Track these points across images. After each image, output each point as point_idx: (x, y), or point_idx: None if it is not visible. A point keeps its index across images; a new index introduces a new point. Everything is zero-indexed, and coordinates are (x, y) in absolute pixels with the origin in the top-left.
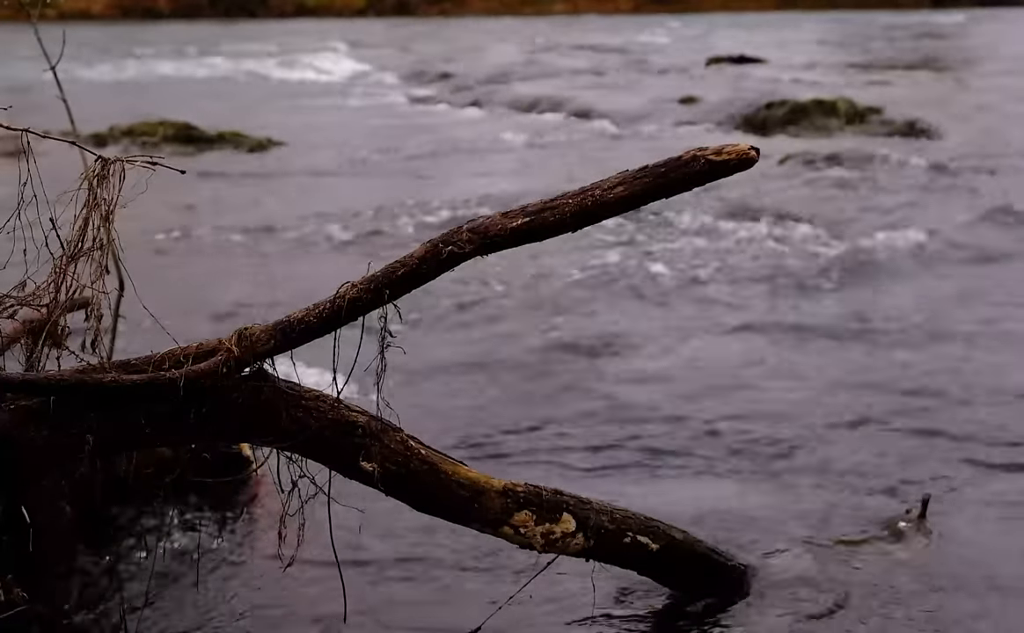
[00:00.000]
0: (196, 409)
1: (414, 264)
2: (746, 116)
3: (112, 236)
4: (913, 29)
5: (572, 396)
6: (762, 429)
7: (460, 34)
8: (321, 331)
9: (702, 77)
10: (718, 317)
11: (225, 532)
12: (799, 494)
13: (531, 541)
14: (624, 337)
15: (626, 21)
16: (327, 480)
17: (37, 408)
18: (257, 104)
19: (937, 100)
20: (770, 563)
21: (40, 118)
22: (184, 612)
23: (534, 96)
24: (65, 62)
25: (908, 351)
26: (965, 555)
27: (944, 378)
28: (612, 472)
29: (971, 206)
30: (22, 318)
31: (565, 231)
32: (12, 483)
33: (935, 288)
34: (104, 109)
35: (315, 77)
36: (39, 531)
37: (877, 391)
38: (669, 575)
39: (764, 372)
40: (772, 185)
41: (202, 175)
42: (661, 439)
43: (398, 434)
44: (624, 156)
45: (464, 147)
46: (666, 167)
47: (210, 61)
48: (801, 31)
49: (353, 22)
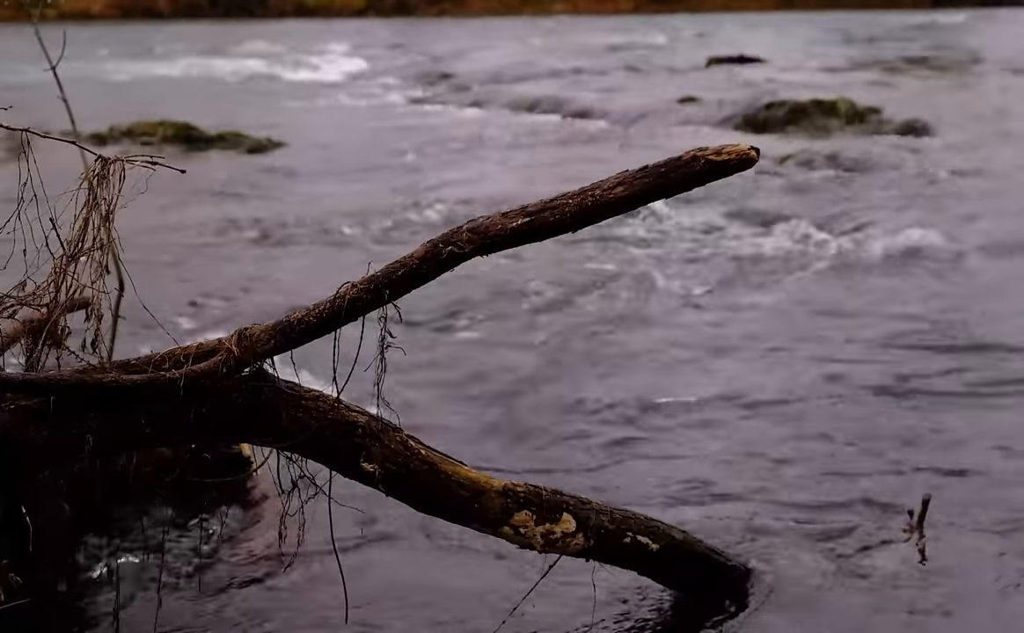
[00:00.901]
0: (196, 409)
1: (414, 264)
2: (746, 116)
3: (112, 236)
4: (913, 29)
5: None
6: (762, 429)
7: (460, 34)
8: (321, 331)
9: (702, 77)
10: (716, 316)
11: (225, 532)
12: (799, 494)
13: (531, 541)
14: (623, 329)
15: (626, 21)
16: (327, 480)
17: (37, 408)
18: (257, 104)
19: (937, 100)
20: (770, 563)
21: (40, 118)
22: (184, 612)
23: (534, 96)
24: (65, 62)
25: (908, 351)
26: (966, 555)
27: (945, 377)
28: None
29: (971, 206)
30: (22, 318)
31: (565, 231)
32: (12, 483)
33: (935, 288)
34: (104, 109)
35: (315, 77)
36: (39, 531)
37: (877, 391)
38: (669, 575)
39: (764, 372)
40: (772, 185)
41: (202, 175)
42: (656, 430)
43: (398, 434)
44: (624, 156)
45: (464, 147)
46: (666, 167)
47: (210, 61)
48: (801, 31)
49: (353, 22)
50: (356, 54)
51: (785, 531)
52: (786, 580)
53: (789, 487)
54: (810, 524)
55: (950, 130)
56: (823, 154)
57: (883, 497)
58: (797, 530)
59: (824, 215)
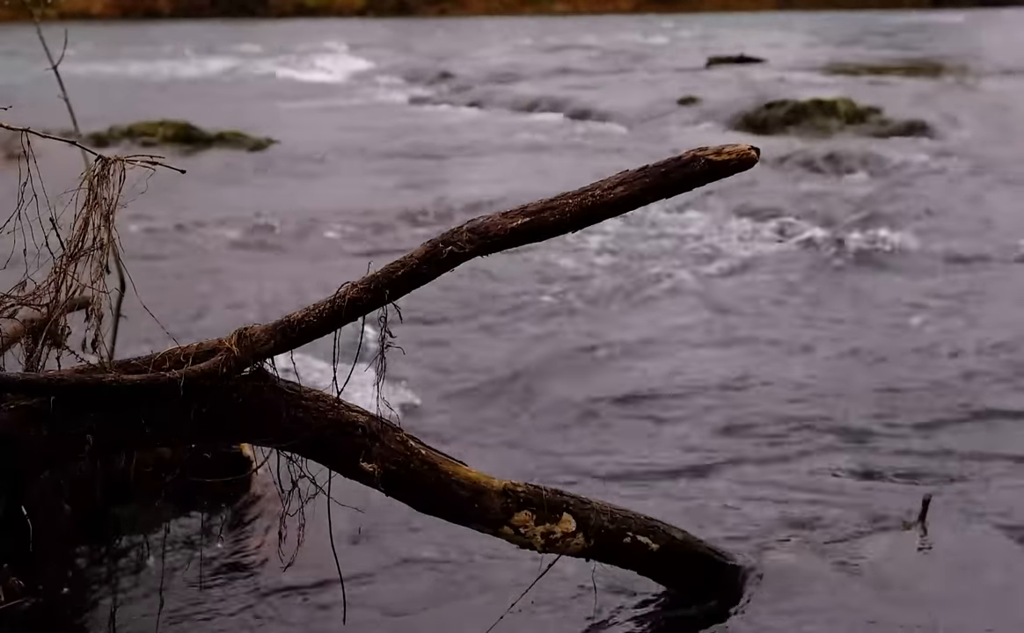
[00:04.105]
0: (196, 409)
1: (414, 264)
2: (746, 116)
3: (112, 236)
4: (913, 29)
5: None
6: (761, 429)
7: (460, 34)
8: (321, 331)
9: (702, 77)
10: (715, 315)
11: (225, 532)
12: (800, 494)
13: (531, 541)
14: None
15: (626, 21)
16: (327, 480)
17: (37, 408)
18: (257, 104)
19: (936, 100)
20: (770, 563)
21: (40, 118)
22: (184, 612)
23: (534, 96)
24: (65, 62)
25: (907, 350)
26: (966, 554)
27: (945, 377)
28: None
29: (971, 205)
30: (22, 318)
31: (565, 231)
32: (12, 483)
33: (936, 287)
34: (104, 109)
35: (315, 77)
36: (39, 531)
37: (878, 392)
38: (669, 575)
39: (762, 371)
40: (772, 184)
41: (202, 175)
42: (658, 432)
43: (398, 434)
44: (624, 156)
45: (464, 147)
46: (666, 167)
47: (210, 61)
48: (801, 31)
49: (353, 22)
50: (356, 54)
51: (785, 531)
52: (786, 579)
53: (789, 486)
54: (810, 524)
55: (950, 130)
56: (823, 154)
57: (884, 497)
58: (797, 530)
59: (823, 214)
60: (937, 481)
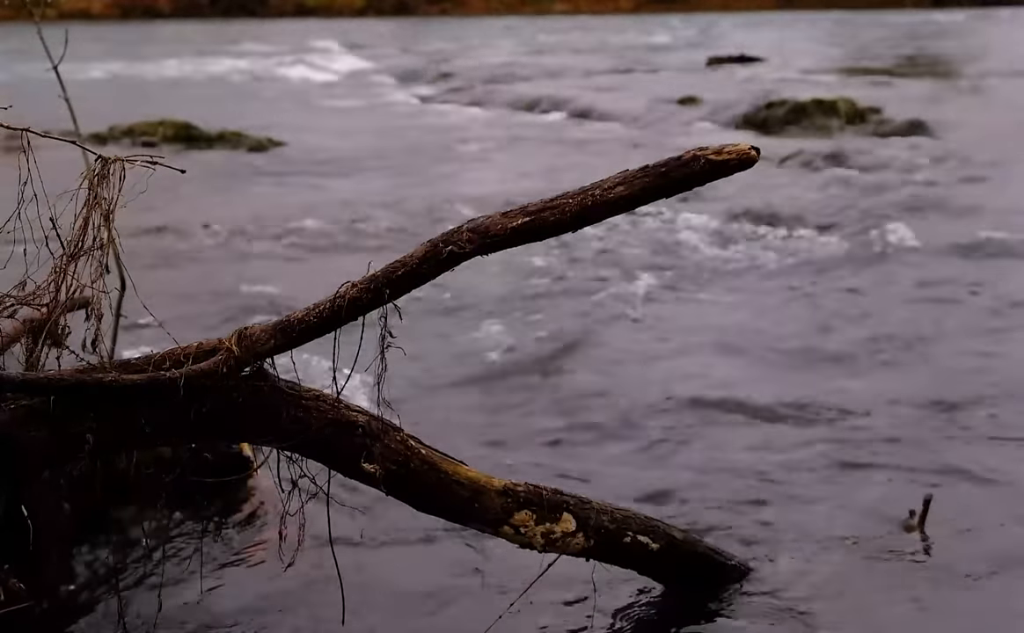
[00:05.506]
0: (196, 409)
1: (414, 264)
2: (746, 116)
3: (112, 235)
4: (913, 28)
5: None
6: (761, 429)
7: (460, 34)
8: (321, 331)
9: (702, 77)
10: (715, 316)
11: (225, 532)
12: (800, 494)
13: (531, 541)
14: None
15: (626, 21)
16: (327, 480)
17: (37, 408)
18: (257, 104)
19: (937, 100)
20: (770, 562)
21: (39, 118)
22: (184, 612)
23: (534, 96)
24: (65, 62)
25: (907, 350)
26: (967, 553)
27: (946, 377)
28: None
29: (970, 205)
30: (22, 318)
31: (566, 231)
32: (12, 482)
33: (935, 287)
34: (104, 109)
35: (315, 77)
36: (39, 531)
37: (878, 392)
38: (669, 575)
39: (763, 371)
40: (772, 184)
41: (202, 175)
42: (655, 426)
43: (398, 434)
44: (624, 156)
45: (464, 147)
46: (667, 167)
47: (210, 61)
48: (801, 30)
49: (353, 22)
50: (356, 54)
51: (785, 530)
52: (786, 579)
53: (789, 486)
54: (810, 524)
55: (951, 130)
56: (823, 153)
57: (884, 496)
58: (798, 529)
59: (823, 214)
60: (937, 481)
